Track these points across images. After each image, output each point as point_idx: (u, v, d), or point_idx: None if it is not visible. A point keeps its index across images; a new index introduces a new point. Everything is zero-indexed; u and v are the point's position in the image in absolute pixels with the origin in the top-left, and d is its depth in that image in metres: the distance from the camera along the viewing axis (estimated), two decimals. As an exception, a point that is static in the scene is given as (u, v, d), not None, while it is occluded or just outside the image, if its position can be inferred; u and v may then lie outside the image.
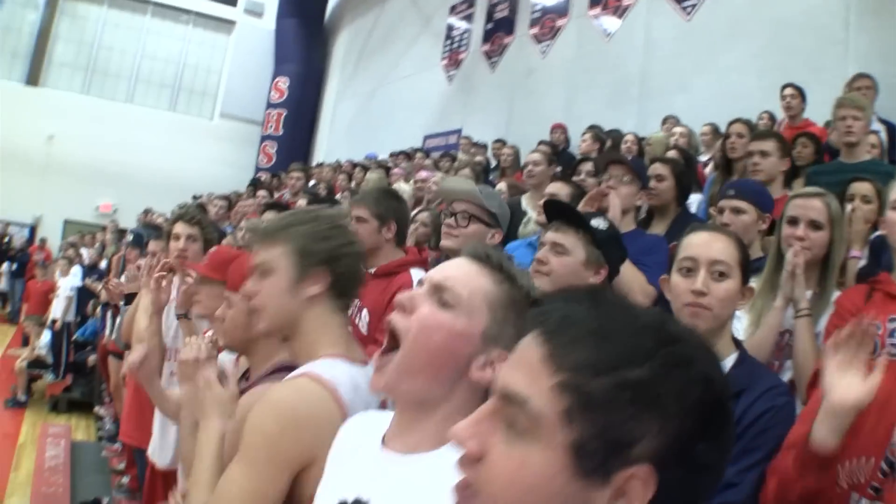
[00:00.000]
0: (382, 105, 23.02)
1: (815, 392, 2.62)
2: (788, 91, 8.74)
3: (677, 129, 9.64)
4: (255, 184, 15.57)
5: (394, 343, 1.87)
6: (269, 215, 6.37)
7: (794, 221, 3.72)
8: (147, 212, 19.27)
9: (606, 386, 1.07)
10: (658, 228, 5.31)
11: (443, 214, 4.56)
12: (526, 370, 1.14)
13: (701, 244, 2.85)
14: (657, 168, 5.46)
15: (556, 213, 3.55)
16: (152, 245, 6.83)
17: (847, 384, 2.28)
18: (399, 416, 1.90)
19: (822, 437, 2.30)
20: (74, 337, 14.33)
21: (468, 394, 1.82)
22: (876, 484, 2.51)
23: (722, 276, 2.75)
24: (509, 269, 1.89)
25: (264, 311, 2.57)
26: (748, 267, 2.86)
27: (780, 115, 8.99)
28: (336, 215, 2.72)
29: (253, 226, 3.48)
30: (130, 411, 5.95)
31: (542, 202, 4.90)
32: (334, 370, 2.30)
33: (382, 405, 2.41)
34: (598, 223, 3.38)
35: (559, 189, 5.30)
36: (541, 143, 10.38)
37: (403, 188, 9.52)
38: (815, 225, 3.68)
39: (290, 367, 2.56)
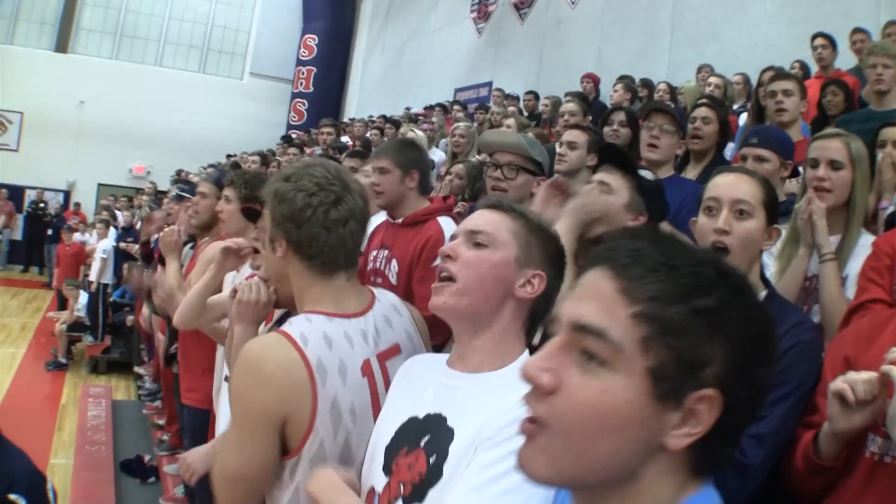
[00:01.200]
0: (412, 60, 22.99)
1: (838, 341, 2.67)
2: (819, 41, 8.54)
3: (712, 80, 9.47)
4: (287, 140, 15.54)
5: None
6: (353, 163, 6.35)
7: (814, 164, 3.65)
8: (180, 172, 19.33)
9: (682, 313, 1.15)
10: (692, 173, 5.24)
11: (486, 166, 4.53)
12: (599, 302, 1.20)
13: (724, 185, 2.87)
14: (702, 111, 5.38)
15: (609, 158, 3.53)
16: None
17: (850, 415, 2.29)
18: (458, 340, 2.17)
19: (828, 454, 2.39)
20: (112, 298, 14.42)
21: (514, 311, 2.13)
22: None
23: (743, 214, 2.77)
24: (519, 208, 2.22)
25: (263, 266, 2.79)
26: (775, 208, 2.85)
27: (813, 64, 8.82)
28: (318, 173, 2.55)
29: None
30: (186, 372, 5.92)
31: (567, 158, 4.92)
32: (307, 326, 2.37)
33: (364, 367, 2.45)
34: (646, 173, 3.42)
35: (576, 137, 5.26)
36: (568, 94, 10.32)
37: (419, 135, 9.46)
38: (834, 165, 3.58)
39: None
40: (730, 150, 6.78)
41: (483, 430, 1.87)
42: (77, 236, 18.56)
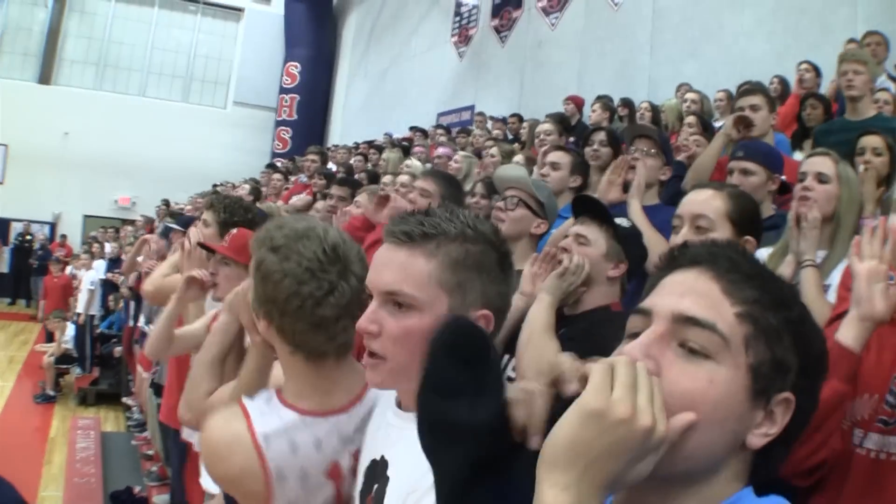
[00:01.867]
0: (395, 85, 23.03)
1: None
2: (804, 66, 8.64)
3: (689, 96, 9.54)
4: (271, 167, 15.57)
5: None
6: (341, 191, 6.42)
7: (802, 178, 3.70)
8: (166, 203, 19.33)
9: (778, 320, 1.25)
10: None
11: (495, 202, 4.59)
12: (703, 298, 1.27)
13: (686, 201, 2.96)
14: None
15: (584, 208, 3.58)
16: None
17: (876, 296, 2.36)
18: (402, 401, 1.94)
19: (849, 341, 2.39)
20: (99, 330, 14.42)
21: None
22: (884, 417, 2.54)
23: (701, 229, 2.83)
24: (431, 228, 1.81)
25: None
26: (747, 221, 2.91)
27: (794, 78, 8.88)
28: (311, 247, 2.17)
29: None
30: (170, 392, 5.92)
31: (550, 178, 4.97)
32: (275, 423, 2.11)
33: (331, 470, 2.14)
34: (621, 221, 3.43)
35: (560, 157, 5.30)
36: (548, 115, 10.36)
37: (416, 165, 9.50)
38: (821, 178, 3.61)
39: None
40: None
41: (423, 478, 1.60)
42: (70, 269, 18.53)
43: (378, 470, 1.90)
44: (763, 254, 3.41)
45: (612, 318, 3.19)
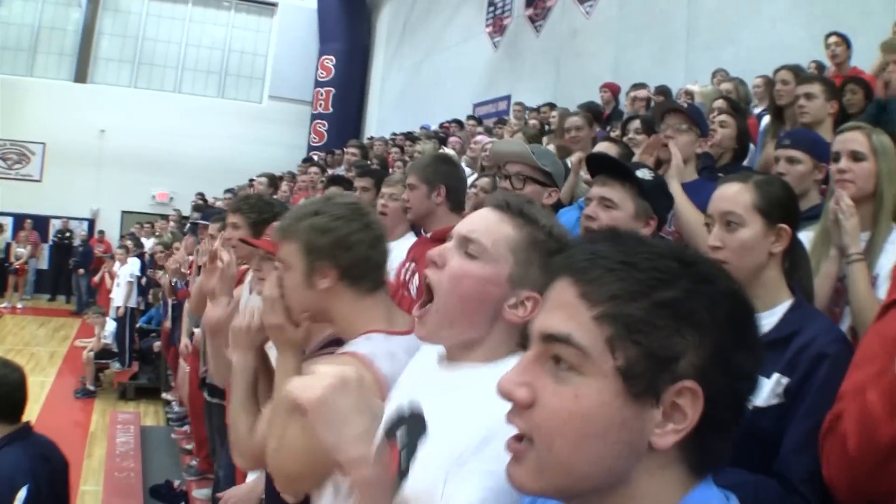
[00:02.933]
0: (430, 76, 23.01)
1: (869, 335, 2.49)
2: (833, 39, 8.41)
3: (724, 86, 9.38)
4: (308, 161, 15.58)
5: (431, 296, 2.00)
6: (334, 189, 6.33)
7: (836, 157, 3.61)
8: (202, 196, 19.38)
9: (644, 308, 1.16)
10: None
11: (497, 178, 4.52)
12: (563, 310, 1.21)
13: (714, 198, 2.86)
14: (720, 117, 5.38)
15: (601, 166, 3.52)
16: (212, 229, 6.77)
17: None
18: (448, 355, 2.04)
19: None
20: (138, 325, 14.47)
21: (504, 334, 1.95)
22: None
23: (731, 225, 2.74)
24: (530, 212, 1.99)
25: (292, 303, 2.64)
26: (778, 209, 2.78)
27: (828, 63, 8.73)
28: (343, 202, 2.64)
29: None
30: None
31: (585, 156, 4.85)
32: (370, 345, 2.39)
33: None
34: (642, 174, 3.35)
35: (607, 149, 5.22)
36: (579, 106, 10.27)
37: (428, 150, 9.46)
38: (855, 156, 3.52)
39: (338, 341, 2.71)
40: (750, 152, 6.75)
41: (471, 440, 1.72)
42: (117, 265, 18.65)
43: (412, 419, 1.90)
44: (805, 238, 3.29)
45: None
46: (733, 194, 2.78)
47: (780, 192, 2.85)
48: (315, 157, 17.08)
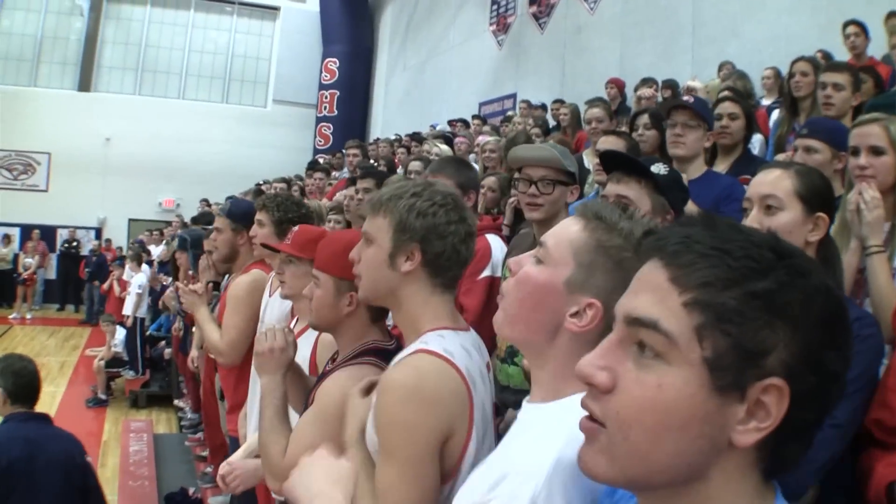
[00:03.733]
0: (434, 76, 23.01)
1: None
2: (851, 28, 8.36)
3: (725, 82, 9.37)
4: (312, 166, 15.57)
5: None
6: (366, 183, 6.33)
7: (855, 151, 3.56)
8: (206, 202, 19.38)
9: (736, 298, 1.10)
10: (720, 167, 5.23)
11: (515, 182, 4.52)
12: (651, 293, 1.17)
13: (754, 183, 2.89)
14: (727, 107, 5.32)
15: (615, 164, 3.49)
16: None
17: None
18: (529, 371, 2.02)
19: None
20: (148, 332, 14.46)
21: (573, 345, 1.82)
22: None
23: (772, 209, 2.77)
24: (606, 215, 1.88)
25: (364, 279, 2.60)
26: (818, 198, 2.81)
27: (839, 53, 8.62)
28: (443, 191, 2.57)
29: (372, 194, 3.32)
30: (230, 402, 5.87)
31: (598, 154, 4.84)
32: (444, 342, 2.32)
33: (487, 367, 2.48)
34: (657, 168, 3.32)
35: (613, 143, 5.29)
36: (588, 100, 10.28)
37: (444, 148, 9.44)
38: (875, 150, 3.47)
39: (376, 351, 2.83)
40: (757, 142, 6.72)
41: (516, 464, 1.72)
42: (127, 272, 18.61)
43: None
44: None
45: None
46: (774, 179, 2.80)
47: (820, 181, 2.88)
48: (320, 161, 17.08)
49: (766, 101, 8.99)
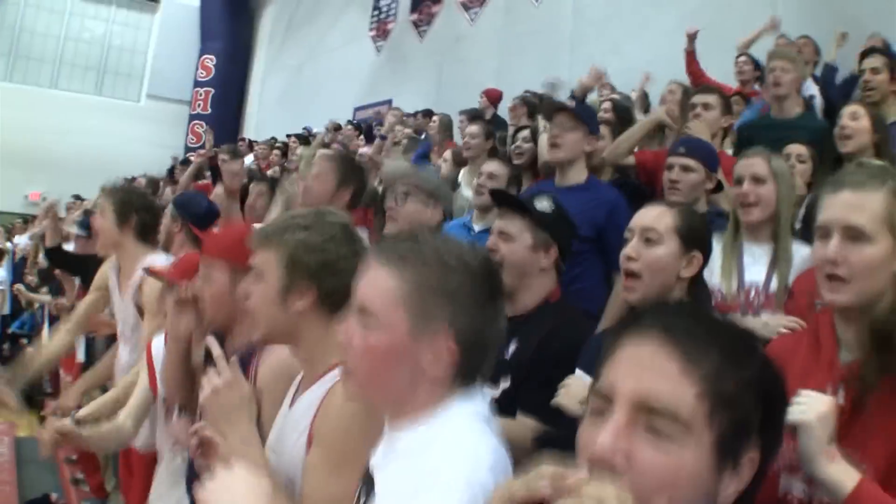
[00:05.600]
0: (311, 79, 22.84)
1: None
2: (743, 59, 8.84)
3: (606, 105, 9.53)
4: (184, 163, 15.40)
5: None
6: (258, 187, 6.38)
7: (738, 181, 3.90)
8: (78, 197, 18.99)
9: (738, 387, 1.29)
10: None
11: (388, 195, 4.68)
12: (664, 382, 1.28)
13: (638, 216, 3.05)
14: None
15: (501, 200, 3.68)
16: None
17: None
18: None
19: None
20: (11, 330, 14.14)
21: (431, 388, 1.86)
22: None
23: (650, 241, 2.93)
24: (411, 254, 1.89)
25: (256, 316, 2.54)
26: (693, 235, 2.98)
27: (723, 77, 8.94)
28: (336, 222, 2.54)
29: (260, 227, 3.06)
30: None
31: (487, 189, 4.97)
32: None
33: None
34: (542, 206, 3.45)
35: (496, 168, 5.44)
36: (462, 112, 10.44)
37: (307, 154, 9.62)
38: (756, 179, 3.84)
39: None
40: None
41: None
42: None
43: (368, 479, 1.94)
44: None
45: (561, 316, 3.37)
46: (657, 215, 2.99)
47: (699, 221, 3.10)
48: (191, 159, 16.90)
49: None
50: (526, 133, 6.27)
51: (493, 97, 11.95)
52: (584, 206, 4.32)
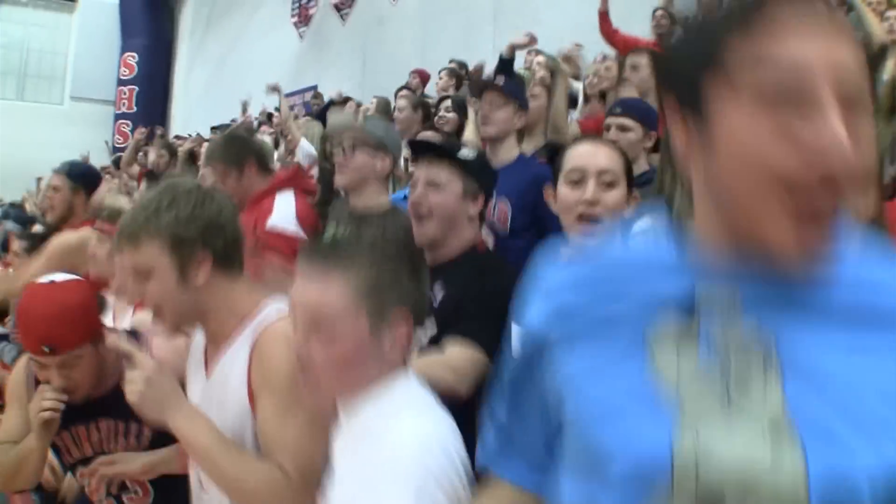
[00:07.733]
0: (235, 70, 22.67)
1: None
2: (659, 13, 8.77)
3: (540, 59, 9.50)
4: (115, 164, 15.28)
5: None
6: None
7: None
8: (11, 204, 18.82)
9: None
10: (528, 147, 5.41)
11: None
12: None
13: (587, 154, 2.89)
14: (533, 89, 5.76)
15: (424, 149, 3.59)
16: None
17: None
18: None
19: None
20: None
21: (390, 367, 1.97)
22: None
23: (610, 185, 2.83)
24: (352, 253, 1.96)
25: (162, 312, 2.42)
26: (632, 177, 2.95)
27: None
28: (190, 187, 2.46)
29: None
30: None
31: (408, 140, 4.94)
32: (282, 306, 2.32)
33: None
34: (466, 153, 3.40)
35: (430, 138, 5.52)
36: (400, 91, 10.38)
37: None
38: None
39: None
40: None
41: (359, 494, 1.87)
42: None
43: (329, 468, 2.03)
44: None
45: (488, 262, 3.33)
46: (609, 154, 2.88)
47: (630, 162, 3.05)
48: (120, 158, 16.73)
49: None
50: (447, 103, 6.21)
51: (424, 78, 12.00)
52: (518, 184, 4.27)
